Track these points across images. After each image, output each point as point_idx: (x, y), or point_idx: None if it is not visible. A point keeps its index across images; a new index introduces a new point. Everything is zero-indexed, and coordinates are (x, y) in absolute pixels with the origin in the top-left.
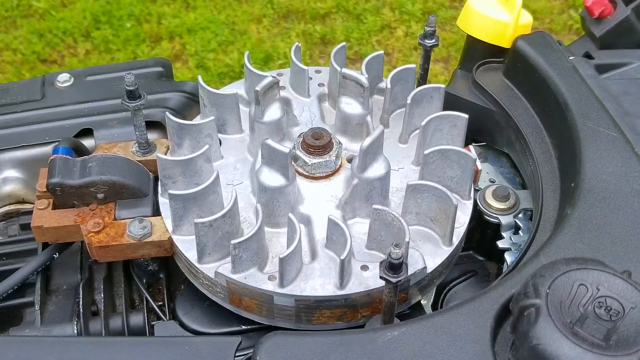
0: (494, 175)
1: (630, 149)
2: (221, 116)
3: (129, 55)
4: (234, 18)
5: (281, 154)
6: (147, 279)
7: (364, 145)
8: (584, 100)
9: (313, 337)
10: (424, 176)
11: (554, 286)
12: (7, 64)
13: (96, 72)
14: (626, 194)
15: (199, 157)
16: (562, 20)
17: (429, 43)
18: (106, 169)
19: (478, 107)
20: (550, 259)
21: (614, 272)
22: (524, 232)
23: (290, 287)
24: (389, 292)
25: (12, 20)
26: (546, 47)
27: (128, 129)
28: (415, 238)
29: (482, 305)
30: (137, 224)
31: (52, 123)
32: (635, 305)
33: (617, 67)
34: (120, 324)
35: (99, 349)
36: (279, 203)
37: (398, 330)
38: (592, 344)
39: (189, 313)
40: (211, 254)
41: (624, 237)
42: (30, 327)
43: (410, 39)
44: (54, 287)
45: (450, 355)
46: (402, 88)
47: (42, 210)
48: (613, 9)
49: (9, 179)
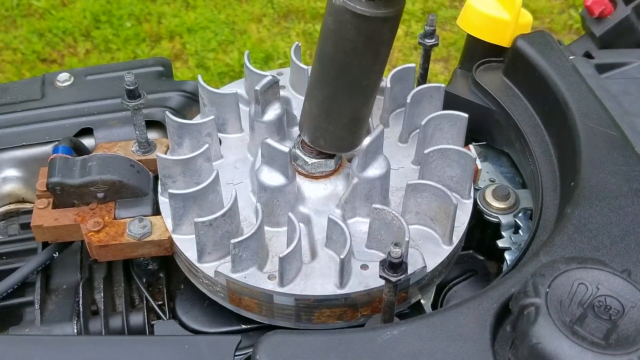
0: (493, 174)
1: (630, 148)
2: (221, 115)
3: (129, 54)
4: (234, 17)
5: (281, 153)
6: (147, 278)
7: (364, 145)
8: (584, 99)
9: (313, 336)
10: (424, 175)
11: (553, 285)
12: (7, 63)
13: (96, 71)
14: (626, 193)
15: (199, 157)
16: (562, 20)
17: (429, 42)
18: (106, 168)
19: (478, 106)
20: (550, 258)
21: (613, 271)
22: (523, 232)
23: (290, 287)
24: (388, 291)
25: (12, 19)
26: (546, 47)
27: (128, 128)
28: (415, 237)
29: (482, 305)
30: (137, 223)
31: (52, 122)
32: (635, 304)
33: (617, 66)
34: (120, 323)
35: (99, 348)
36: (279, 202)
37: (398, 330)
38: (591, 343)
39: (188, 312)
40: (211, 253)
41: (623, 236)
42: (30, 326)
43: (410, 38)
44: (54, 286)
45: (450, 354)
46: (402, 87)
47: (42, 209)
48: (613, 9)
49: (9, 178)
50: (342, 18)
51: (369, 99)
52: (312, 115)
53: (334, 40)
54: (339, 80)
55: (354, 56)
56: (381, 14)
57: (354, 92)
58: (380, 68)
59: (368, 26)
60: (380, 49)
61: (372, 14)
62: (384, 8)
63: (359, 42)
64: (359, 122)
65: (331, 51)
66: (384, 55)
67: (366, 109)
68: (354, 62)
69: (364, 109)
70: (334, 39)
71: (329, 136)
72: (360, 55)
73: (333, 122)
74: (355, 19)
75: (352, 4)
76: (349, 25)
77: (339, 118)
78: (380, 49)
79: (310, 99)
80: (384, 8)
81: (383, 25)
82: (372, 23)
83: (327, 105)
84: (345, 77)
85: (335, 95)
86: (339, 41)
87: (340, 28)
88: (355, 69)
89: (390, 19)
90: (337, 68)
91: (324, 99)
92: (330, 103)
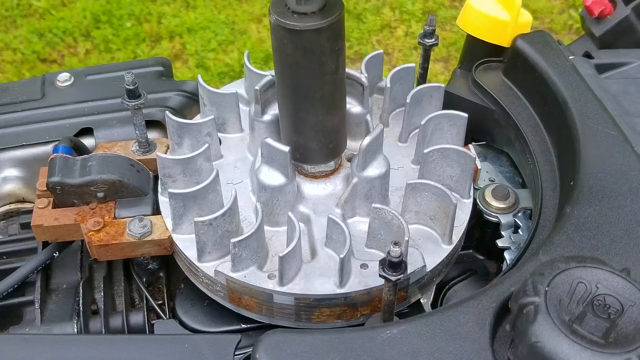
0: (493, 174)
1: (629, 148)
2: (221, 115)
3: (129, 54)
4: (234, 17)
5: (281, 153)
6: (147, 277)
7: (363, 144)
8: (583, 99)
9: (312, 335)
10: (424, 175)
11: (553, 284)
12: (7, 63)
13: (96, 71)
14: (625, 192)
15: (199, 156)
16: (562, 20)
17: (428, 42)
18: (106, 168)
19: (478, 106)
20: (550, 257)
21: (612, 270)
22: (523, 231)
23: (290, 286)
24: (388, 290)
25: (12, 19)
26: (546, 47)
27: (128, 128)
28: (414, 237)
29: (481, 304)
30: (137, 222)
31: (52, 122)
32: (634, 303)
33: (616, 66)
34: (120, 322)
35: (99, 347)
36: (279, 202)
37: (397, 329)
38: (590, 342)
39: (188, 312)
40: (211, 253)
41: (622, 235)
42: (31, 326)
43: (410, 38)
44: (54, 285)
45: (449, 353)
46: (401, 87)
47: (42, 209)
48: (613, 9)
49: (9, 178)
50: (278, 34)
51: (329, 110)
52: (283, 130)
53: (278, 56)
54: (295, 95)
55: (298, 69)
56: (312, 26)
57: (311, 104)
58: (332, 78)
59: (302, 40)
60: (323, 60)
61: (303, 27)
62: (316, 20)
63: (298, 56)
64: (328, 134)
65: (279, 67)
66: (330, 65)
67: (331, 121)
68: (300, 75)
69: (329, 120)
70: (278, 56)
71: (301, 149)
72: (304, 68)
73: (301, 135)
74: (289, 34)
75: (283, 19)
76: (285, 41)
77: (306, 131)
78: (324, 60)
79: (280, 113)
80: (316, 20)
81: (317, 36)
82: (306, 36)
83: (292, 120)
84: (298, 90)
85: (295, 109)
86: (282, 57)
87: (279, 45)
88: (304, 82)
89: (325, 30)
90: (287, 83)
91: (287, 113)
92: (294, 117)
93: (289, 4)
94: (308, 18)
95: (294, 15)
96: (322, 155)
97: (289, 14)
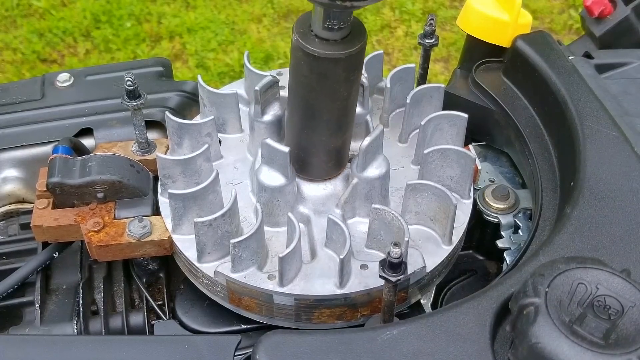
0: (493, 174)
1: (629, 148)
2: (221, 116)
3: (129, 54)
4: (234, 18)
5: (281, 153)
6: (147, 278)
7: (363, 145)
8: (583, 99)
9: (312, 336)
10: (424, 175)
11: (553, 285)
12: (7, 63)
13: (96, 71)
14: (625, 193)
15: (199, 157)
16: (562, 20)
17: (428, 42)
18: (106, 168)
19: (478, 106)
20: (550, 258)
21: (613, 271)
22: (523, 232)
23: (290, 286)
24: (388, 291)
25: (12, 19)
26: (546, 47)
27: (128, 128)
28: (414, 237)
29: (481, 304)
30: (137, 223)
31: (52, 123)
32: (635, 304)
33: (616, 66)
34: (120, 323)
35: (99, 347)
36: (279, 202)
37: (397, 329)
38: (591, 343)
39: (188, 312)
40: (211, 253)
41: (623, 236)
42: (30, 327)
43: (410, 38)
44: (53, 286)
45: (449, 354)
46: (401, 87)
47: (42, 209)
48: (613, 9)
49: (9, 178)
50: (297, 54)
51: (335, 132)
52: (287, 139)
53: (294, 73)
54: (303, 112)
55: (310, 91)
56: (331, 55)
57: (318, 124)
58: (342, 105)
59: (319, 66)
60: (336, 87)
61: (322, 54)
62: (336, 49)
63: (312, 79)
64: (329, 153)
65: (292, 83)
66: (342, 92)
67: (335, 142)
68: (312, 96)
69: (333, 142)
70: (293, 73)
71: (301, 162)
72: (316, 92)
73: (303, 150)
74: (307, 57)
75: (304, 42)
76: (302, 62)
77: (308, 148)
78: (337, 87)
79: (286, 124)
80: (336, 49)
81: (334, 65)
82: (323, 63)
83: (297, 134)
84: (307, 109)
85: (302, 126)
86: (297, 75)
87: (296, 64)
88: (315, 103)
89: (343, 60)
90: (298, 100)
91: (293, 127)
92: (300, 133)
93: (313, 27)
94: (329, 45)
95: (315, 39)
96: (321, 171)
97: (311, 37)
